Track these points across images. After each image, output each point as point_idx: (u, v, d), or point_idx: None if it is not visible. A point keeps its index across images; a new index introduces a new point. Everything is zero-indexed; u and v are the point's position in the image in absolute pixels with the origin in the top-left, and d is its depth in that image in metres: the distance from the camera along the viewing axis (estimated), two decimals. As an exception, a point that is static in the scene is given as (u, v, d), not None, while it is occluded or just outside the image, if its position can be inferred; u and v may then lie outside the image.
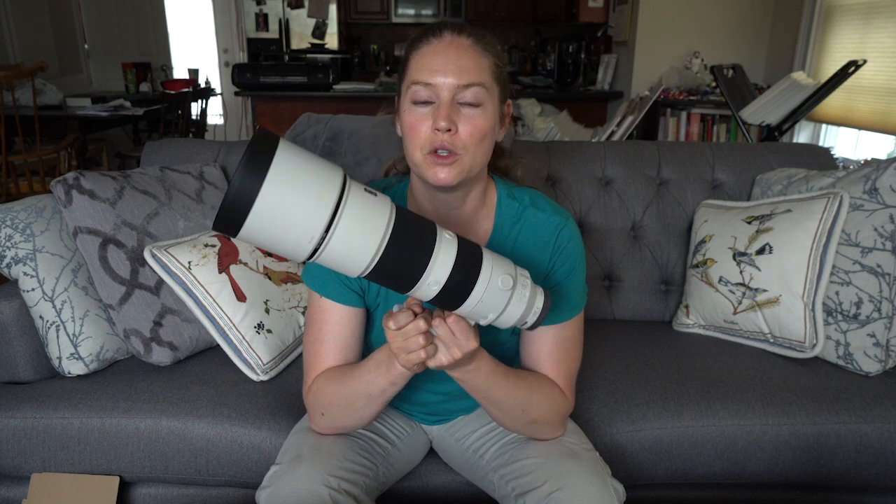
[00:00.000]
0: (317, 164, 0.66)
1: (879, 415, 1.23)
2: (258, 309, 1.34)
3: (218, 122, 6.28)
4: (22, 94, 3.51)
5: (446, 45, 0.87)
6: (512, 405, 0.93)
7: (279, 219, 0.63)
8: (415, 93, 0.87)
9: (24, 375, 1.32)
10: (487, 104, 0.88)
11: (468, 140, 0.87)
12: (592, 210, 1.68)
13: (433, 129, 0.86)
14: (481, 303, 0.75)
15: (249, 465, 1.19)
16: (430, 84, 0.86)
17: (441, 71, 0.86)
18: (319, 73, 3.62)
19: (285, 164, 0.63)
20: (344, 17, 5.76)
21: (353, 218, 0.66)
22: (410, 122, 0.88)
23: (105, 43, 5.79)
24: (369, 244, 0.68)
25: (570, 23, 5.09)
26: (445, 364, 0.80)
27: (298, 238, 0.65)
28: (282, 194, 0.62)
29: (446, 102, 0.86)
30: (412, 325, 0.77)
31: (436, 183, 0.87)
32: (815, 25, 3.34)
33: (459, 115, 0.86)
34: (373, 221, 0.68)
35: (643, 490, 1.29)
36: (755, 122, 2.59)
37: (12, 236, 1.29)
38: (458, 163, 0.87)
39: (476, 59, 0.87)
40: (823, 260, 1.36)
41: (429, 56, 0.87)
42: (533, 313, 0.79)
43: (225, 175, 1.62)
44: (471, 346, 0.79)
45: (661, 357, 1.41)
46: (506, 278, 0.75)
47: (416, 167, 0.90)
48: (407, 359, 0.79)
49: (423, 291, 0.73)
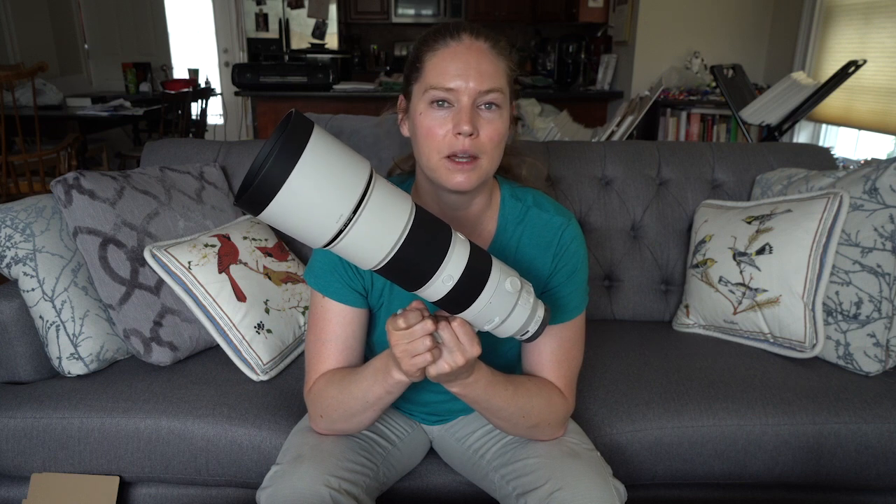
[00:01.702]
0: (347, 154, 0.67)
1: (879, 415, 1.23)
2: (258, 309, 1.34)
3: (218, 122, 6.29)
4: (22, 94, 3.51)
5: (465, 49, 0.87)
6: (512, 412, 0.93)
7: (305, 203, 0.63)
8: (433, 95, 0.86)
9: (24, 375, 1.32)
10: (504, 108, 0.88)
11: (488, 144, 0.87)
12: (592, 210, 1.68)
13: (454, 133, 0.85)
14: (489, 305, 0.75)
15: (249, 465, 1.19)
16: (451, 89, 0.85)
17: (462, 75, 0.85)
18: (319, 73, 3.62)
19: (318, 150, 0.63)
20: (344, 17, 5.76)
21: (377, 209, 0.67)
22: (428, 125, 0.87)
23: (105, 43, 5.79)
24: (389, 236, 0.68)
25: (570, 23, 5.09)
26: (446, 371, 0.79)
27: (322, 224, 0.65)
28: (312, 179, 0.62)
29: (468, 107, 0.85)
30: (420, 326, 0.75)
31: (453, 188, 0.87)
32: (815, 25, 3.34)
33: (480, 120, 0.86)
34: (394, 214, 0.68)
35: (643, 490, 1.29)
36: (755, 122, 2.59)
37: (12, 236, 1.29)
38: (477, 168, 0.87)
39: (494, 64, 0.87)
40: (823, 260, 1.36)
41: (448, 59, 0.86)
42: (535, 322, 0.79)
43: (225, 175, 1.61)
44: (474, 351, 0.78)
45: (661, 357, 1.41)
46: (514, 280, 0.76)
47: (432, 171, 0.88)
48: (412, 362, 0.77)
49: (436, 287, 0.72)
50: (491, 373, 0.88)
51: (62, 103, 3.92)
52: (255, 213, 0.64)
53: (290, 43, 5.75)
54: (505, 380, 0.91)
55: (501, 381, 0.90)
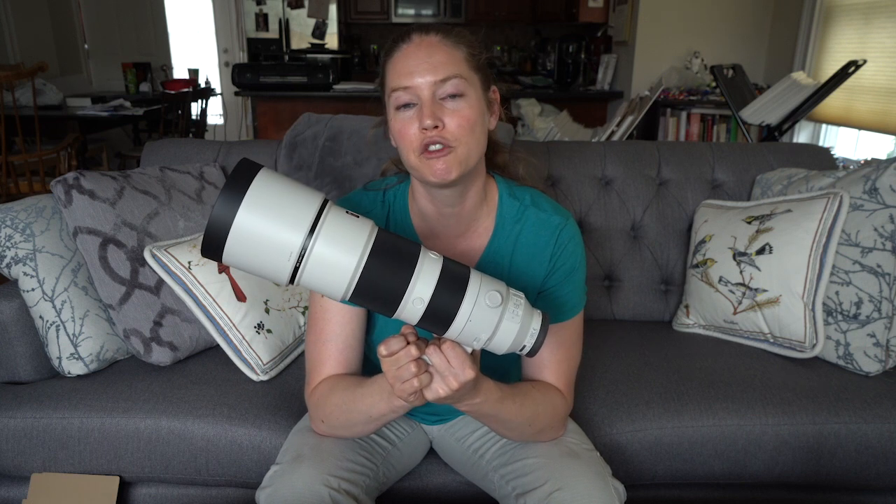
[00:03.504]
0: (295, 190, 0.67)
1: (879, 415, 1.23)
2: (258, 309, 1.34)
3: (218, 122, 6.28)
4: (22, 94, 3.51)
5: (415, 47, 0.88)
6: (519, 423, 0.93)
7: (256, 243, 0.65)
8: (396, 98, 0.88)
9: (24, 375, 1.32)
10: (470, 94, 0.88)
11: (458, 131, 0.87)
12: (592, 210, 1.68)
13: (420, 129, 0.86)
14: (470, 322, 0.72)
15: (249, 465, 1.19)
16: (408, 87, 0.86)
17: (416, 71, 0.86)
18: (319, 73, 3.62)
19: (261, 190, 0.65)
20: (344, 17, 5.77)
21: (331, 239, 0.67)
22: (398, 128, 0.89)
23: (105, 43, 5.79)
24: (347, 264, 0.67)
25: (570, 23, 5.09)
26: (443, 395, 0.77)
27: (277, 260, 0.66)
28: (257, 218, 0.64)
29: (428, 101, 0.86)
30: (403, 352, 0.75)
31: (435, 178, 0.87)
32: (815, 25, 3.34)
33: (444, 110, 0.87)
34: (350, 242, 0.68)
35: (643, 490, 1.29)
36: (755, 122, 2.59)
37: (12, 236, 1.29)
38: (453, 154, 0.87)
39: (448, 53, 0.88)
40: (823, 260, 1.36)
41: (402, 60, 0.88)
42: (530, 335, 0.76)
43: (225, 175, 1.62)
44: (467, 375, 0.76)
45: (661, 357, 1.41)
46: (493, 294, 0.73)
47: (414, 170, 0.90)
48: (402, 388, 0.76)
49: (409, 311, 0.71)
50: (498, 389, 0.87)
51: (62, 103, 3.92)
52: (217, 258, 0.66)
53: (290, 43, 5.75)
54: (512, 393, 0.91)
55: (509, 395, 0.90)
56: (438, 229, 0.99)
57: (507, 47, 6.08)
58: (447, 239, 1.00)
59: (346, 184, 1.63)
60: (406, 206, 1.01)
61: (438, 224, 0.99)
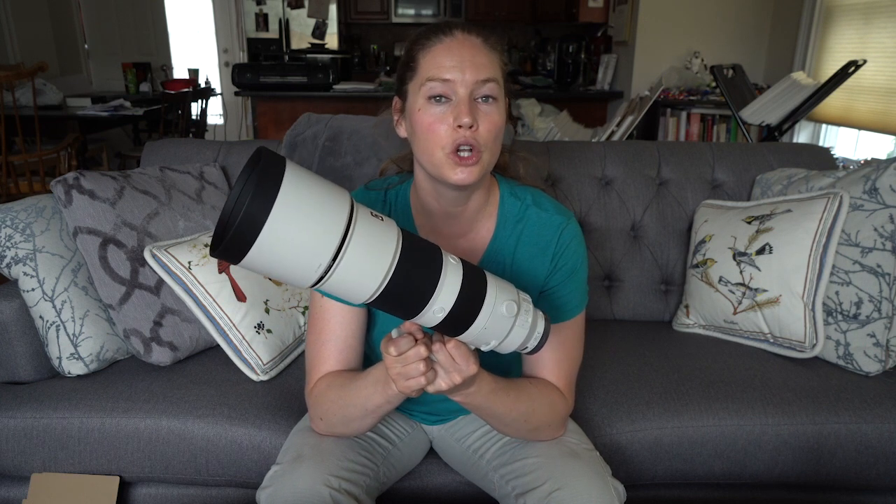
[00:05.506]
0: (324, 189, 0.63)
1: (879, 415, 1.23)
2: (258, 309, 1.34)
3: (218, 122, 6.29)
4: (22, 94, 3.51)
5: (459, 44, 0.88)
6: (514, 418, 0.93)
7: (286, 248, 0.59)
8: (431, 88, 0.86)
9: (24, 375, 1.32)
10: (500, 100, 0.89)
11: (487, 136, 0.87)
12: (592, 210, 1.68)
13: (454, 126, 0.85)
14: (485, 330, 0.73)
15: (249, 465, 1.19)
16: (448, 80, 0.86)
17: (458, 67, 0.86)
18: (319, 73, 3.62)
19: (294, 191, 0.59)
20: (344, 17, 5.77)
21: (361, 244, 0.63)
22: (427, 121, 0.87)
23: (105, 43, 5.79)
24: (377, 271, 0.65)
25: (570, 23, 5.09)
26: (444, 389, 0.79)
27: (305, 267, 0.62)
28: (290, 223, 0.58)
29: (466, 99, 0.85)
30: (413, 352, 0.75)
31: (455, 183, 0.87)
32: (815, 25, 3.34)
33: (478, 112, 0.86)
34: (381, 247, 0.65)
35: (643, 490, 1.29)
36: (755, 122, 2.59)
37: (12, 236, 1.29)
38: (479, 162, 0.87)
39: (488, 56, 0.88)
40: (823, 260, 1.36)
41: (444, 52, 0.87)
42: (534, 339, 0.77)
43: (225, 175, 1.62)
44: (471, 370, 0.78)
45: (661, 357, 1.41)
46: (510, 305, 0.73)
47: (436, 167, 0.88)
48: (406, 385, 0.78)
49: (428, 318, 0.70)
50: (493, 380, 0.88)
51: (62, 103, 3.92)
52: (234, 261, 0.60)
53: (290, 43, 5.75)
54: (507, 386, 0.91)
55: (503, 387, 0.90)
56: (441, 228, 0.99)
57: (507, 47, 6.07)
58: (450, 238, 1.00)
59: (346, 184, 1.63)
60: (408, 205, 1.01)
61: (442, 223, 0.99)
